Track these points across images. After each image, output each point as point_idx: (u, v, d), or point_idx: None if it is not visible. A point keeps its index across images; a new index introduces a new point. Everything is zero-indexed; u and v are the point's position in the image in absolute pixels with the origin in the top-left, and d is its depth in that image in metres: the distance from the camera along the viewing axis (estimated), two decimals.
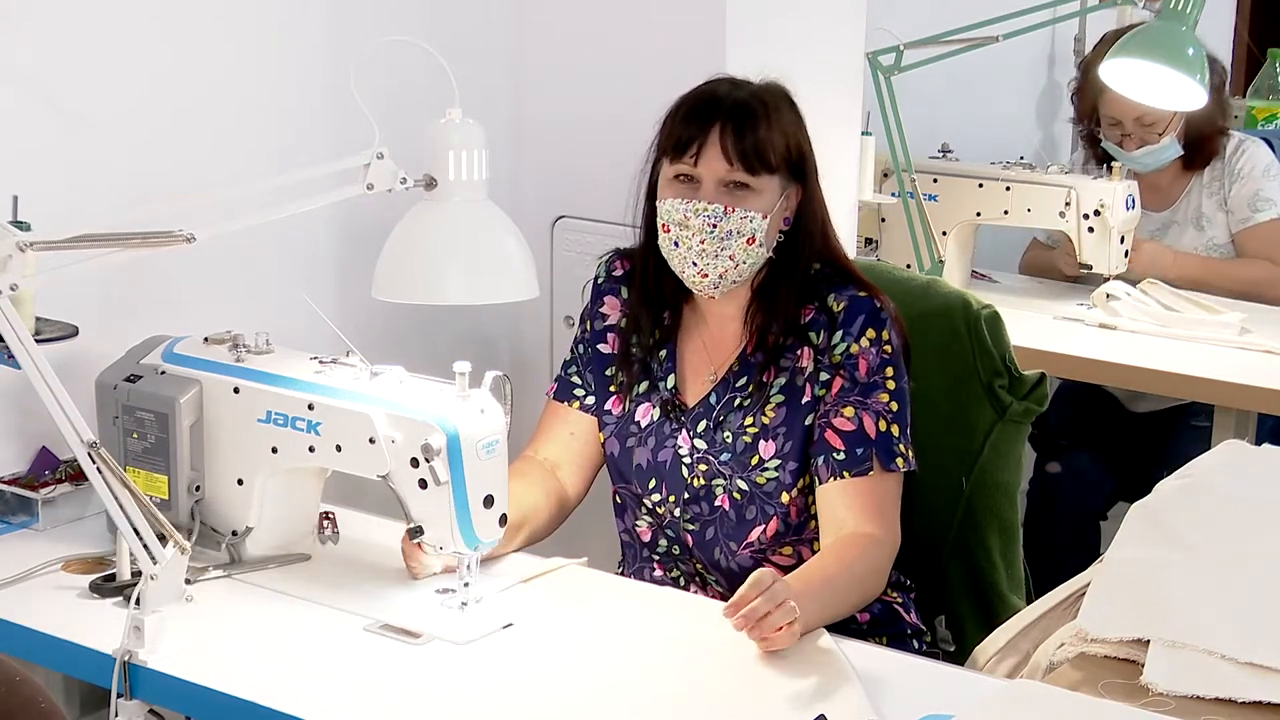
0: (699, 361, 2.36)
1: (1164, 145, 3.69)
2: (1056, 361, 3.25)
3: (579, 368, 2.42)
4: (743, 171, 2.23)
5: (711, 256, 2.24)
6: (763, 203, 2.24)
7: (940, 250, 3.62)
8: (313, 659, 1.97)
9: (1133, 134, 3.69)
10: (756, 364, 2.30)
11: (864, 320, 2.25)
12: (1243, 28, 5.39)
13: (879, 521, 2.21)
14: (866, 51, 3.28)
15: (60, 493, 2.35)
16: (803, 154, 2.29)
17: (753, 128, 2.23)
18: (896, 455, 2.23)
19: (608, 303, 2.43)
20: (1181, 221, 3.81)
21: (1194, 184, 3.80)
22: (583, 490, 2.42)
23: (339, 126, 2.62)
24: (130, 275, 2.35)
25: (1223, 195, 3.76)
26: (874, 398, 2.23)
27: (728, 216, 2.22)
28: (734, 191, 2.24)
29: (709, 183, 2.24)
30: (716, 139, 2.22)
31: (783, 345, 2.28)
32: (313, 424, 2.10)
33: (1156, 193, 3.80)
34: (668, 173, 2.28)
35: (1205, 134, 3.73)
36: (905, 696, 1.89)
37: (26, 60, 2.38)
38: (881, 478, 2.23)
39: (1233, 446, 2.46)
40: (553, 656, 1.99)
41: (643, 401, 2.37)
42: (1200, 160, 3.77)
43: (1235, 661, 1.92)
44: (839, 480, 2.22)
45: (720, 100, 2.25)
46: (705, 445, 2.31)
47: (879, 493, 2.23)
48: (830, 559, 2.18)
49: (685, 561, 2.36)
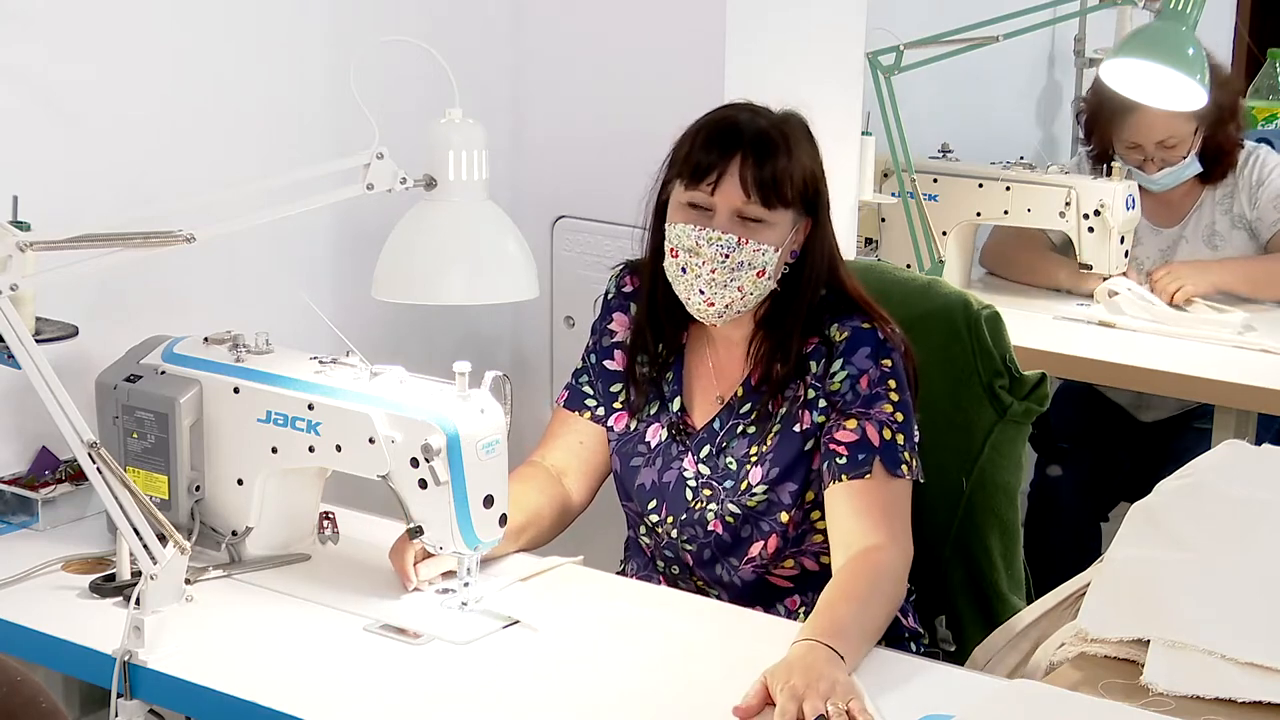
0: (706, 384, 2.34)
1: (1185, 165, 3.62)
2: (1056, 361, 3.25)
3: (590, 377, 2.41)
4: (759, 205, 2.20)
5: (721, 286, 2.21)
6: (775, 236, 2.21)
7: (940, 250, 3.62)
8: (313, 659, 1.97)
9: (1154, 157, 3.62)
10: (761, 394, 2.28)
11: (866, 352, 2.22)
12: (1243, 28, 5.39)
13: (884, 529, 2.15)
14: (866, 51, 3.28)
15: (60, 493, 2.35)
16: (818, 188, 2.26)
17: (772, 160, 2.19)
18: (901, 462, 2.19)
19: (616, 319, 2.41)
20: (1191, 238, 3.72)
21: (1205, 198, 3.71)
22: (587, 498, 2.40)
23: (339, 126, 2.62)
24: (130, 275, 2.35)
25: (1239, 208, 3.67)
26: (877, 408, 2.20)
27: (741, 248, 2.19)
28: (747, 224, 2.20)
29: (723, 213, 2.20)
30: (736, 170, 2.19)
31: (787, 379, 2.26)
32: (313, 424, 2.10)
33: (1167, 208, 3.73)
34: (680, 197, 2.24)
35: (1224, 148, 3.65)
36: (905, 696, 1.89)
37: (27, 60, 2.38)
38: (886, 483, 2.18)
39: (1233, 446, 2.46)
40: (553, 656, 1.99)
41: (653, 422, 2.35)
42: (1218, 173, 3.68)
43: (1235, 661, 1.92)
44: (840, 483, 2.18)
45: (741, 129, 2.21)
46: (708, 471, 2.30)
47: (884, 498, 2.18)
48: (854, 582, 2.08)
49: (686, 580, 2.35)
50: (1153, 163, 3.63)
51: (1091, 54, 4.62)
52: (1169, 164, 3.63)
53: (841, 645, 1.91)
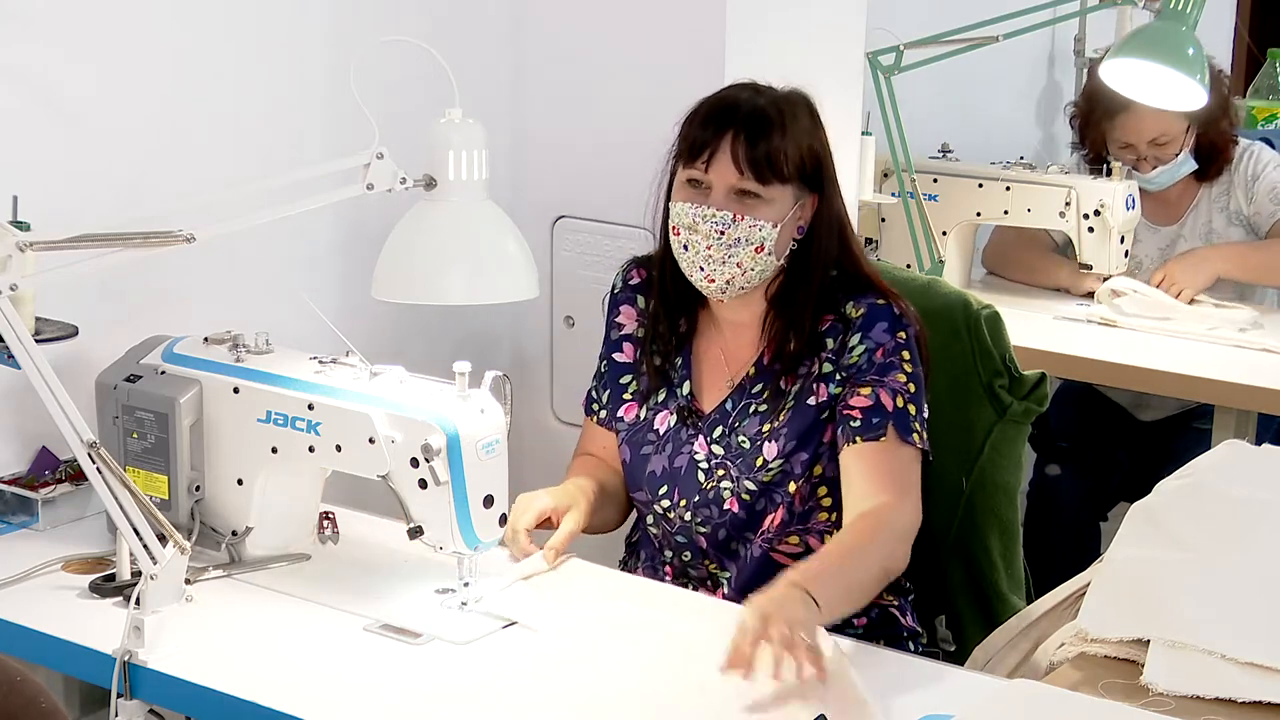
0: (716, 368, 2.36)
1: (1179, 162, 3.62)
2: (1056, 361, 3.25)
3: (597, 382, 2.44)
4: (753, 181, 2.21)
5: (719, 263, 2.23)
6: (773, 212, 2.23)
7: (940, 250, 3.62)
8: (313, 659, 1.97)
9: (1147, 156, 3.62)
10: (774, 372, 2.29)
11: (884, 326, 2.25)
12: (1243, 28, 5.39)
13: (896, 491, 2.19)
14: (866, 51, 3.28)
15: (60, 493, 2.35)
16: (819, 163, 2.27)
17: (766, 137, 2.21)
18: (913, 430, 2.22)
19: (624, 312, 2.42)
20: (1189, 236, 3.72)
21: (1202, 196, 3.71)
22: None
23: (339, 126, 2.62)
24: (130, 275, 2.35)
25: (1235, 205, 3.67)
26: (891, 376, 2.23)
27: (736, 224, 2.21)
28: (744, 200, 2.22)
29: (719, 189, 2.23)
30: (728, 146, 2.21)
31: (801, 355, 2.28)
32: (313, 424, 2.10)
33: (1164, 206, 3.73)
34: (681, 176, 2.27)
35: (1218, 145, 3.65)
36: (905, 696, 1.89)
37: (27, 60, 2.38)
38: (898, 448, 2.21)
39: (1233, 446, 2.46)
40: (553, 656, 1.99)
41: (661, 409, 2.37)
42: (1214, 171, 3.67)
43: (1235, 661, 1.92)
44: (854, 445, 2.21)
45: (738, 107, 2.23)
46: (722, 451, 2.31)
47: (896, 463, 2.21)
48: (848, 535, 2.17)
49: (697, 566, 2.35)
50: (1146, 161, 3.63)
51: (1091, 54, 4.61)
52: (1162, 162, 3.62)
53: (819, 592, 1.96)
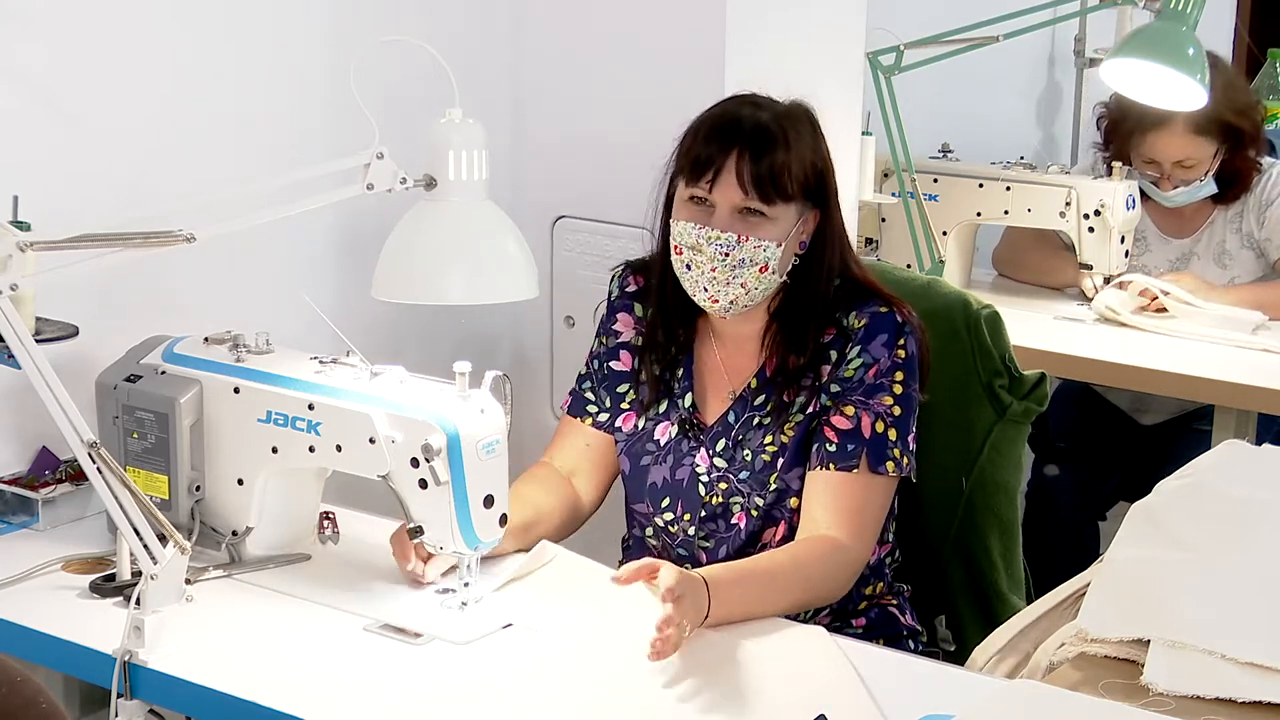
0: (717, 379, 2.34)
1: (1200, 186, 3.58)
2: (1056, 361, 3.25)
3: (593, 384, 2.41)
4: (758, 200, 2.19)
5: (723, 284, 2.21)
6: (777, 230, 2.21)
7: (940, 250, 3.62)
8: (313, 659, 1.97)
9: (1170, 175, 3.58)
10: (776, 384, 2.28)
11: (883, 339, 2.23)
12: (1243, 28, 5.39)
13: (851, 527, 2.18)
14: (866, 51, 3.28)
15: (60, 493, 2.35)
16: (822, 178, 2.25)
17: (770, 155, 2.18)
18: (888, 459, 2.21)
19: (621, 319, 2.40)
20: (1203, 254, 3.69)
21: (1217, 216, 3.67)
22: (598, 499, 2.40)
23: (339, 126, 2.62)
24: (130, 275, 2.35)
25: (1247, 227, 3.63)
26: (877, 399, 2.21)
27: (741, 245, 2.19)
28: (748, 219, 2.20)
29: (723, 209, 2.20)
30: (733, 165, 2.18)
31: (802, 370, 2.26)
32: (313, 424, 2.10)
33: (1178, 219, 3.70)
34: (683, 193, 2.24)
35: (1243, 172, 3.61)
36: (905, 696, 1.89)
37: (27, 60, 2.38)
38: (867, 482, 2.20)
39: (1233, 446, 2.46)
40: (552, 656, 1.99)
41: (661, 420, 2.35)
42: (1232, 195, 3.63)
43: (1235, 661, 1.92)
44: (824, 471, 2.20)
45: (740, 123, 2.20)
46: (725, 464, 2.30)
47: (860, 497, 2.20)
48: (783, 555, 2.17)
49: None
50: (1168, 180, 3.59)
51: (1091, 54, 4.62)
52: (1185, 183, 3.59)
53: (717, 596, 1.99)
